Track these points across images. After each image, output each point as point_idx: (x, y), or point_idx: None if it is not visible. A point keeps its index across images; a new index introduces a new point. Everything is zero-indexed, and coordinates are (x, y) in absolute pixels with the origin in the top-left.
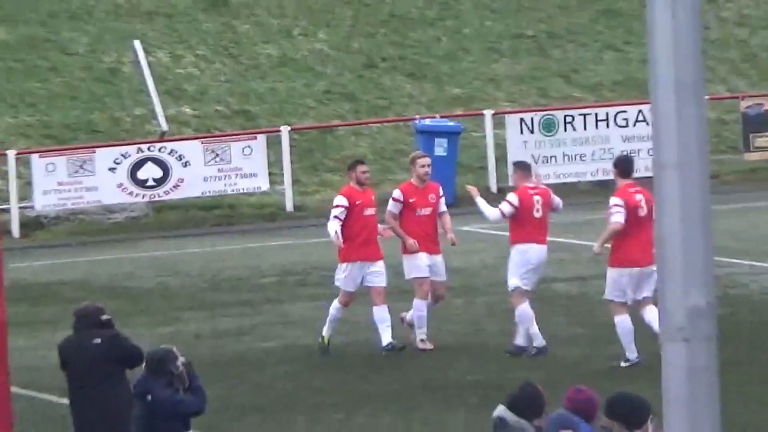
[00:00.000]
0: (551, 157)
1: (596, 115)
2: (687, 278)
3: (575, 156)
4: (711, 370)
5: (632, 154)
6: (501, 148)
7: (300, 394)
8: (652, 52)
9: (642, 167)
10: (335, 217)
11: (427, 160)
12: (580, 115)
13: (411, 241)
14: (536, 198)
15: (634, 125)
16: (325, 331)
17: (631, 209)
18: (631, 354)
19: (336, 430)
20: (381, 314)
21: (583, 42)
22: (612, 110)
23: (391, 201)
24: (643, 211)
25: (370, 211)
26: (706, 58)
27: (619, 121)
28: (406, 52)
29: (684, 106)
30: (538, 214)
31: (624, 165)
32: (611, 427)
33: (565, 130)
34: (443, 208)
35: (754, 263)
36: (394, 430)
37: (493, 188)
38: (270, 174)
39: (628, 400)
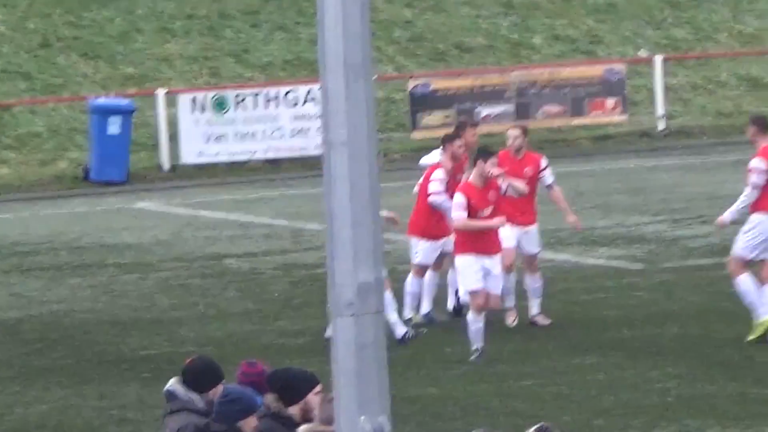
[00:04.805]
0: (222, 135)
1: (266, 94)
2: (356, 254)
3: (246, 134)
4: (379, 344)
5: (302, 133)
6: (173, 126)
7: None
8: (321, 33)
9: (311, 146)
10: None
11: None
12: (251, 94)
13: None
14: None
15: (303, 104)
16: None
17: None
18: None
19: (11, 403)
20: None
21: (254, 22)
22: (282, 89)
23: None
24: None
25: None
26: (375, 39)
27: (289, 101)
28: (80, 32)
29: (352, 85)
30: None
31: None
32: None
33: (236, 109)
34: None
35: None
36: (68, 403)
37: (166, 166)
38: None
39: (287, 374)
